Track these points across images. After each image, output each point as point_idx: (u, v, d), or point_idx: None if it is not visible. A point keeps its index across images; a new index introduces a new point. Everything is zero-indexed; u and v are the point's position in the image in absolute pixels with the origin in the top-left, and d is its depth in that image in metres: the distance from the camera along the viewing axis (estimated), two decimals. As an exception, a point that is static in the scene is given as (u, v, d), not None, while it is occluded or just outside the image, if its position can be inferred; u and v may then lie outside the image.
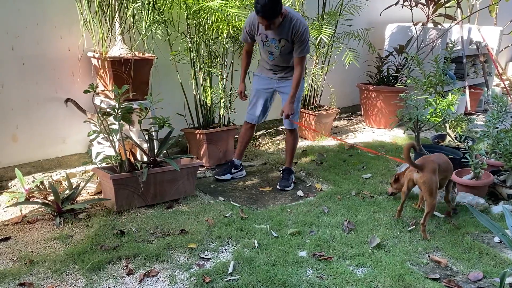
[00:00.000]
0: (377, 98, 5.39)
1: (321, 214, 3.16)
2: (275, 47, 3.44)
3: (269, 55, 3.53)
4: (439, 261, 2.57)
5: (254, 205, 3.36)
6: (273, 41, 3.42)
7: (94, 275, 2.37)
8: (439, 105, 3.78)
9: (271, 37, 3.41)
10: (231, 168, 3.83)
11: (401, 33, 5.80)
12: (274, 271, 2.42)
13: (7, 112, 3.39)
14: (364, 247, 2.70)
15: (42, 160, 3.63)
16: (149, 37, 3.64)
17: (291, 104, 3.49)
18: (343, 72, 5.38)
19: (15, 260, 2.49)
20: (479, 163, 3.35)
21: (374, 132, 5.31)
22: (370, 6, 5.30)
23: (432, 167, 2.88)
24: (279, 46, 3.42)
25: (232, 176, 3.81)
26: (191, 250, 2.64)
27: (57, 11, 3.47)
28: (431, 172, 2.85)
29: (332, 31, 4.67)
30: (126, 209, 3.09)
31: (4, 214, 3.04)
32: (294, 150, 3.84)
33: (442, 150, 3.89)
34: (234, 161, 3.86)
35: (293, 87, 3.47)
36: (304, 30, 3.36)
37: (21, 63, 3.40)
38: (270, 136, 5.02)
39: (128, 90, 3.10)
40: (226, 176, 3.79)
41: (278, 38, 3.38)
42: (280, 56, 3.50)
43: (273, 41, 3.42)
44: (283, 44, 3.40)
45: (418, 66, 4.21)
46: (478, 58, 6.40)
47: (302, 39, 3.36)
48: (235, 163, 3.87)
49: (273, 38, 3.40)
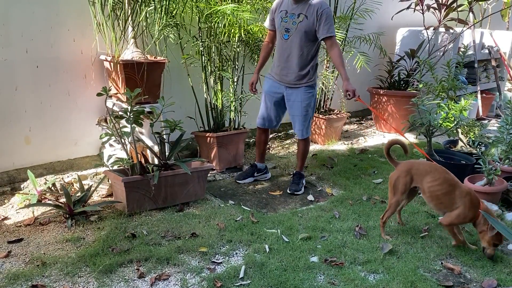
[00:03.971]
0: (388, 102, 5.36)
1: (332, 219, 3.14)
2: (292, 22, 3.36)
3: (285, 33, 3.41)
4: (452, 268, 2.54)
5: (264, 209, 3.35)
6: (292, 16, 3.37)
7: (105, 277, 2.38)
8: (452, 110, 3.75)
9: (291, 12, 3.38)
10: (254, 172, 3.84)
11: (413, 37, 5.77)
12: (286, 276, 2.40)
13: (20, 114, 3.42)
14: (376, 253, 2.68)
15: (54, 162, 3.66)
16: (161, 40, 3.66)
17: (347, 82, 3.35)
18: (354, 76, 5.32)
19: (28, 262, 2.51)
20: (493, 169, 3.31)
21: (384, 137, 5.28)
22: (381, 10, 5.28)
23: (404, 167, 2.82)
24: (296, 21, 3.34)
25: (255, 178, 3.84)
26: (202, 254, 2.64)
27: (70, 15, 3.50)
28: (398, 171, 2.82)
29: (343, 35, 4.66)
30: (137, 211, 3.10)
31: (17, 216, 3.07)
32: (305, 155, 3.80)
33: (455, 156, 3.86)
34: (257, 165, 3.86)
35: (340, 66, 3.39)
36: (327, 7, 3.33)
37: (35, 65, 3.43)
38: (280, 140, 5.01)
39: (140, 93, 3.11)
40: (247, 179, 3.81)
41: (298, 13, 3.35)
42: (296, 35, 3.37)
43: (292, 16, 3.37)
44: (301, 19, 3.33)
45: (430, 71, 4.18)
46: (490, 62, 6.35)
47: (326, 15, 3.29)
48: (258, 166, 3.87)
49: (292, 13, 3.37)
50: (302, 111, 3.54)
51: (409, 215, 3.20)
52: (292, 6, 3.38)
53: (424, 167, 2.78)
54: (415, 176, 2.77)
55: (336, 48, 3.38)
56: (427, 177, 2.72)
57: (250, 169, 3.88)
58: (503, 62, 6.42)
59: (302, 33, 3.35)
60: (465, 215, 2.63)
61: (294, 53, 3.43)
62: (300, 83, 3.50)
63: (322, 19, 3.30)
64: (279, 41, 3.49)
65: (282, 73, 3.53)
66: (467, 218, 2.63)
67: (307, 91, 3.52)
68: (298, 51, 3.41)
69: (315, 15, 3.31)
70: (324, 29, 3.31)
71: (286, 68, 3.50)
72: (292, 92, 3.53)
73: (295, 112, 3.57)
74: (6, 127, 3.37)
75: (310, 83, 3.52)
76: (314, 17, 3.31)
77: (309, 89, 3.53)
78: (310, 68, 3.49)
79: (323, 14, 3.30)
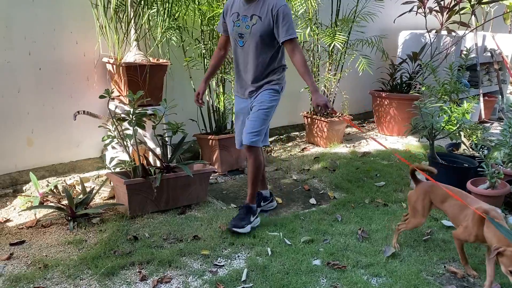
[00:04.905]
0: (390, 105, 5.36)
1: (335, 222, 3.13)
2: (246, 26, 2.88)
3: (239, 40, 2.93)
4: (455, 272, 2.53)
5: (266, 213, 3.34)
6: (244, 19, 2.89)
7: (107, 280, 2.37)
8: (454, 113, 3.74)
9: (243, 14, 2.90)
10: (260, 201, 3.29)
11: (415, 40, 5.77)
12: (288, 280, 2.40)
13: (23, 116, 3.42)
14: (379, 256, 2.67)
15: (56, 164, 3.66)
16: (163, 43, 3.67)
17: (316, 94, 2.87)
18: (356, 79, 5.36)
19: (30, 264, 2.51)
20: (496, 172, 3.30)
21: (386, 140, 5.27)
22: (383, 13, 5.28)
23: (422, 189, 2.70)
24: (250, 24, 2.87)
25: (261, 209, 3.30)
26: (204, 256, 2.63)
27: (73, 17, 3.51)
28: (417, 193, 2.70)
29: (345, 38, 4.66)
30: (139, 214, 3.10)
31: (19, 218, 3.07)
32: (255, 178, 3.03)
33: (457, 159, 3.85)
34: (262, 193, 3.33)
35: (305, 75, 2.88)
36: (284, 4, 2.84)
37: (37, 68, 3.44)
38: (281, 143, 5.01)
39: (143, 96, 3.11)
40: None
41: (250, 15, 2.88)
42: (251, 41, 2.89)
43: (244, 19, 2.89)
44: (255, 21, 2.86)
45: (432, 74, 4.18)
46: (493, 65, 6.34)
47: (283, 13, 2.80)
48: (264, 194, 3.34)
49: (244, 16, 2.89)
50: (261, 113, 2.96)
51: (412, 218, 3.19)
52: (244, 7, 2.90)
53: (442, 192, 2.61)
54: (433, 200, 2.66)
55: (298, 53, 2.86)
56: (445, 203, 2.60)
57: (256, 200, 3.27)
58: (505, 65, 6.41)
59: (258, 37, 2.88)
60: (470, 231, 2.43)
61: (252, 62, 2.96)
62: (265, 86, 3.02)
63: (279, 19, 2.81)
64: (234, 49, 3.03)
65: (243, 85, 3.07)
66: (472, 235, 2.42)
67: (273, 93, 3.01)
68: (255, 60, 2.95)
69: (270, 15, 2.82)
70: (282, 31, 2.83)
71: (246, 80, 3.04)
72: (256, 95, 3.03)
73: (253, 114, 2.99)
74: (8, 129, 3.37)
75: (274, 86, 3.02)
76: (269, 17, 2.83)
77: (274, 92, 3.02)
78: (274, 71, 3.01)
79: (279, 13, 2.81)
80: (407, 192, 3.64)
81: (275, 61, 3.01)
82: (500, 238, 2.23)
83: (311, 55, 4.84)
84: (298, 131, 5.37)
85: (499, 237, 2.24)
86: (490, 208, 2.40)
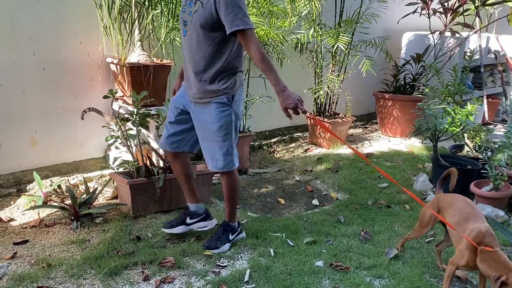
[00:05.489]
0: (393, 106, 5.35)
1: (337, 224, 3.13)
2: (189, 12, 2.46)
3: (183, 29, 2.53)
4: (458, 275, 2.52)
5: (269, 214, 3.34)
6: (190, 4, 2.47)
7: (110, 280, 2.38)
8: (458, 114, 3.74)
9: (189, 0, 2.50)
10: (185, 217, 2.82)
11: (418, 41, 5.76)
12: (291, 281, 2.40)
13: (27, 116, 3.43)
14: (382, 257, 2.67)
15: (60, 164, 3.67)
16: (167, 43, 3.67)
17: (282, 94, 2.37)
18: (359, 80, 5.35)
19: (33, 264, 2.52)
20: (499, 174, 3.29)
21: (390, 141, 5.26)
22: (387, 14, 5.27)
23: (435, 198, 2.57)
24: (192, 11, 2.43)
25: (190, 228, 2.82)
26: (206, 257, 2.64)
27: (77, 17, 3.52)
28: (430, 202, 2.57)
29: (349, 39, 4.66)
30: (142, 214, 3.10)
31: (23, 217, 3.08)
32: (234, 196, 2.73)
33: (461, 161, 3.84)
34: (189, 207, 2.85)
35: (265, 71, 2.39)
36: None
37: (41, 68, 3.45)
38: (284, 143, 5.01)
39: (146, 96, 3.12)
40: (176, 229, 2.79)
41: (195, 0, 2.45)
42: (192, 30, 2.46)
43: (190, 4, 2.47)
44: (197, 8, 2.41)
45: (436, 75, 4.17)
46: (496, 67, 6.32)
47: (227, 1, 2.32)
48: (191, 209, 2.84)
49: (190, 1, 2.48)
50: (215, 135, 2.54)
51: (415, 220, 3.18)
52: None
53: (448, 199, 2.45)
54: (441, 209, 2.44)
55: (253, 46, 2.36)
56: (448, 210, 2.39)
57: (181, 215, 2.88)
58: (509, 66, 6.39)
59: (198, 27, 2.42)
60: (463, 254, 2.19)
61: (193, 56, 2.50)
62: (208, 98, 2.53)
63: (222, 8, 2.33)
64: (182, 40, 2.63)
65: (188, 82, 2.62)
66: (464, 258, 2.17)
67: (220, 108, 2.52)
68: (197, 54, 2.48)
69: (212, 1, 2.35)
70: (226, 22, 2.34)
71: (190, 77, 2.57)
72: (201, 110, 2.57)
73: (204, 136, 2.59)
74: (12, 129, 3.39)
75: (222, 97, 2.52)
76: (211, 4, 2.35)
77: (223, 106, 2.53)
78: (220, 77, 2.51)
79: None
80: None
81: (222, 61, 2.48)
82: (497, 267, 2.01)
83: (315, 56, 4.84)
84: (301, 132, 5.37)
85: (497, 266, 2.01)
86: (486, 231, 2.12)
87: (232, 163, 2.62)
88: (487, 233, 2.12)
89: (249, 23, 2.36)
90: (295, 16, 4.44)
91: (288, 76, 4.88)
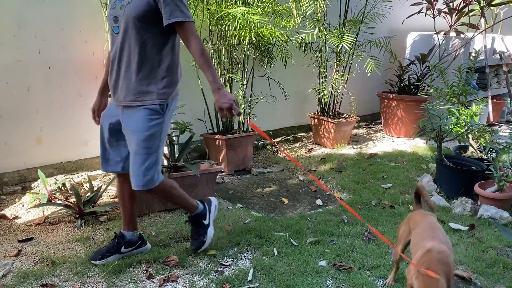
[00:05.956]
0: (397, 107, 5.34)
1: (341, 224, 3.13)
2: (120, 6, 2.23)
3: (114, 26, 2.26)
4: (462, 276, 2.52)
5: (272, 213, 3.35)
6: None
7: (114, 278, 2.39)
8: (462, 115, 3.73)
9: None
10: (120, 247, 2.56)
11: (423, 41, 5.74)
12: (294, 280, 2.40)
13: (32, 114, 3.45)
14: (385, 258, 2.67)
15: (65, 162, 3.68)
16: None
17: (218, 92, 2.22)
18: (363, 80, 5.35)
19: (38, 261, 2.53)
20: (504, 175, 3.28)
21: (394, 141, 5.25)
22: (392, 14, 5.26)
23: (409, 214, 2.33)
24: (124, 4, 2.22)
25: (122, 255, 2.57)
26: (210, 256, 2.64)
27: (83, 17, 3.54)
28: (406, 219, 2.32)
29: (353, 39, 4.65)
30: (146, 213, 3.11)
31: (27, 215, 3.09)
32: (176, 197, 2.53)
33: (465, 161, 3.83)
34: (125, 235, 2.57)
35: (204, 67, 2.23)
36: None
37: (47, 66, 3.46)
38: (288, 143, 5.01)
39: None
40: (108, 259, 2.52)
41: None
42: (125, 25, 2.22)
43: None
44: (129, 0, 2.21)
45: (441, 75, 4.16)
46: (502, 68, 6.30)
47: None
48: (127, 237, 2.57)
49: None
50: (139, 146, 2.27)
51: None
52: None
53: (417, 219, 2.19)
54: (411, 226, 2.20)
55: (193, 39, 2.21)
56: (415, 229, 2.15)
57: (113, 243, 2.57)
58: (514, 67, 6.37)
59: (132, 20, 2.20)
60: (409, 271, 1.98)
61: (126, 54, 2.26)
62: (140, 102, 2.28)
63: None
64: (110, 39, 2.36)
65: (115, 86, 2.34)
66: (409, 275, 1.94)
67: (150, 116, 2.28)
68: (131, 50, 2.25)
69: None
70: (166, 12, 2.17)
71: (120, 78, 2.31)
72: (129, 115, 2.31)
73: (130, 145, 2.33)
74: (18, 127, 3.40)
75: (154, 103, 2.29)
76: None
77: (154, 114, 2.29)
78: (156, 78, 2.29)
79: None
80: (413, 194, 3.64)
81: (158, 59, 2.28)
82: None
83: (319, 56, 4.84)
84: (304, 132, 5.37)
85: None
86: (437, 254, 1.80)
87: (152, 182, 2.31)
88: (436, 257, 1.81)
89: (190, 15, 2.22)
90: (299, 16, 4.44)
91: (292, 76, 4.93)
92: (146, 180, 2.30)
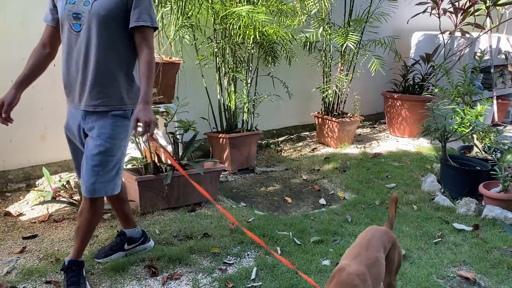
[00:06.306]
0: (402, 106, 5.32)
1: (345, 223, 3.12)
2: (84, 1, 2.06)
3: (75, 24, 2.08)
4: (466, 276, 2.51)
5: (276, 212, 3.35)
6: None
7: (118, 275, 2.39)
8: (467, 115, 3.71)
9: None
10: (123, 244, 2.57)
11: (428, 41, 5.72)
12: (297, 279, 2.39)
13: (37, 112, 3.46)
14: (389, 258, 2.66)
15: (69, 160, 3.65)
16: (176, 41, 3.68)
17: (146, 105, 2.04)
18: (368, 80, 5.34)
19: (42, 258, 2.54)
20: (509, 175, 3.27)
21: (398, 141, 5.24)
22: (397, 14, 5.25)
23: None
24: (89, 0, 2.05)
25: (126, 253, 2.58)
26: (213, 254, 2.64)
27: (88, 14, 3.54)
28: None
29: (358, 38, 4.64)
30: (149, 211, 3.12)
31: (32, 212, 3.11)
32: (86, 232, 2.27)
33: (470, 162, 3.82)
34: (126, 233, 2.58)
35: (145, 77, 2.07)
36: None
37: (51, 64, 3.45)
38: (292, 142, 5.00)
39: (155, 93, 3.13)
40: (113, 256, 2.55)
41: None
42: (92, 23, 2.06)
43: None
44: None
45: (446, 75, 4.14)
46: (507, 68, 6.27)
47: None
48: (128, 234, 2.57)
49: None
50: (101, 155, 2.14)
51: (423, 221, 3.17)
52: None
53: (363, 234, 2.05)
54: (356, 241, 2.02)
55: (146, 48, 2.11)
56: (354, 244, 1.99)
57: (116, 241, 2.59)
58: (520, 67, 6.33)
59: (100, 17, 2.05)
60: None
61: (93, 54, 2.09)
62: (103, 107, 2.15)
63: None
64: (66, 37, 2.15)
65: (75, 89, 2.18)
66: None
67: (117, 123, 2.18)
68: (96, 53, 2.09)
69: None
70: (134, 13, 2.07)
71: (82, 80, 2.14)
72: (94, 121, 2.16)
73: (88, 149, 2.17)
74: (22, 125, 3.41)
75: (123, 108, 2.19)
76: None
77: (120, 120, 2.19)
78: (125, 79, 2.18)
79: None
80: (417, 194, 3.63)
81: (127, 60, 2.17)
82: None
83: (323, 55, 4.83)
84: (308, 131, 5.37)
85: None
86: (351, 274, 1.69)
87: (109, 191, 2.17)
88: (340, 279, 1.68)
89: (156, 21, 2.15)
90: (304, 15, 4.43)
91: (296, 75, 4.92)
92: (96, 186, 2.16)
